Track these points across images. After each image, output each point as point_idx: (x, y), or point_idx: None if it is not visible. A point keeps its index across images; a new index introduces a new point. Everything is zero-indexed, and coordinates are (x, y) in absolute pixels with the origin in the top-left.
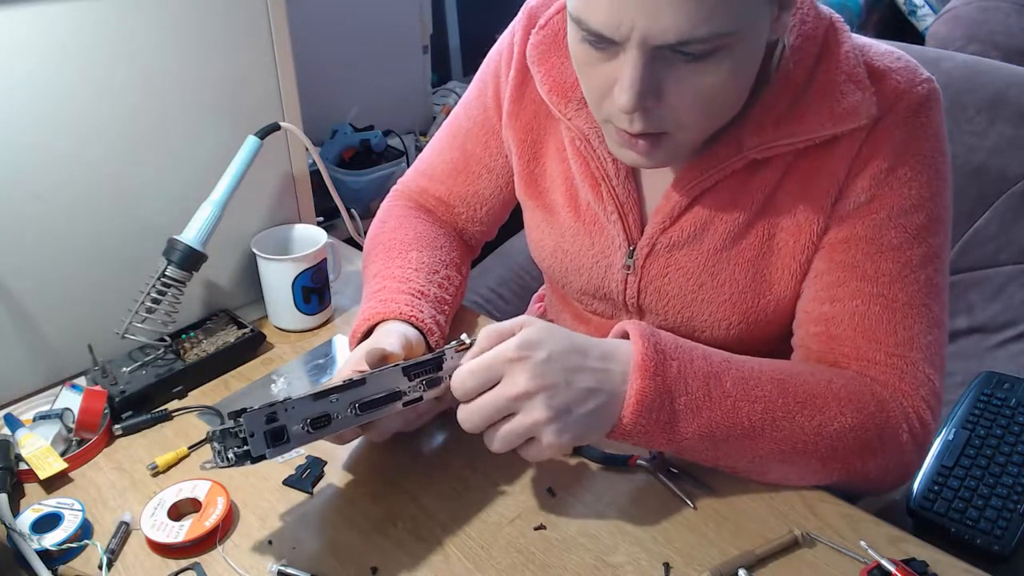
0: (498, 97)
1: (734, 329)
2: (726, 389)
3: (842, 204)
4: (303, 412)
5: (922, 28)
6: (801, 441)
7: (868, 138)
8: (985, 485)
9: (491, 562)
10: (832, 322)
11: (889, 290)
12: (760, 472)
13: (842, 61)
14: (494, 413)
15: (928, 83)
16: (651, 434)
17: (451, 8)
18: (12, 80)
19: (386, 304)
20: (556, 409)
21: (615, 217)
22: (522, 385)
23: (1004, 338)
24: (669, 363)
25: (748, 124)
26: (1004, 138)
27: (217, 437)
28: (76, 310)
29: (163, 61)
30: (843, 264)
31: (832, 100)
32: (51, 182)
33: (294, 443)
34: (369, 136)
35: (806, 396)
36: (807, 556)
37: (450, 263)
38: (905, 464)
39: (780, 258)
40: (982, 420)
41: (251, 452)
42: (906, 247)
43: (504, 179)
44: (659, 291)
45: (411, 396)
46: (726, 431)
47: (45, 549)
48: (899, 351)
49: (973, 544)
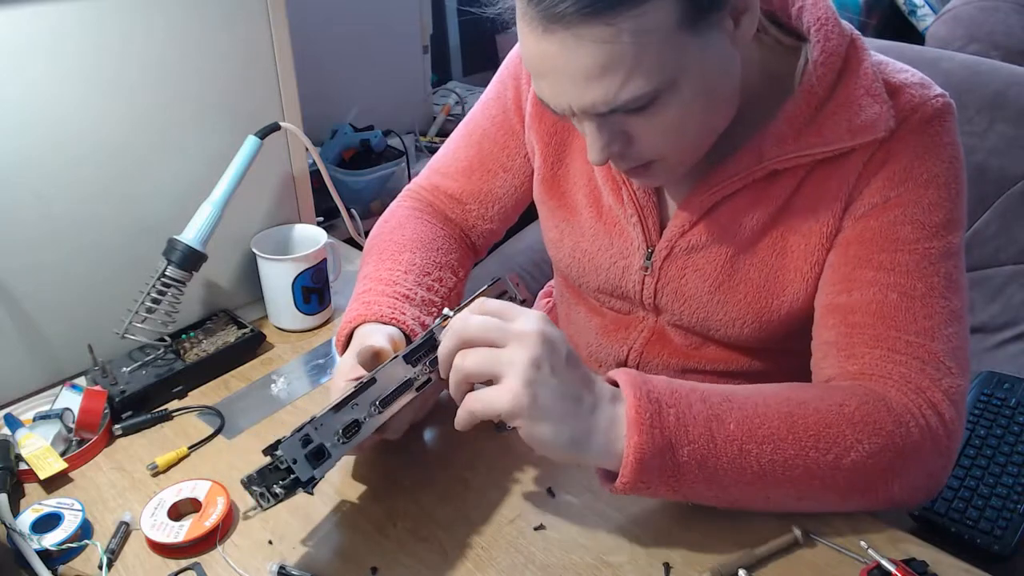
0: (519, 99)
1: (748, 328)
2: (730, 432)
3: (854, 207)
4: (333, 425)
5: (922, 28)
6: (818, 478)
7: (881, 146)
8: (985, 485)
9: (491, 562)
10: (849, 311)
11: (907, 280)
12: (777, 509)
13: (862, 76)
14: (488, 341)
15: (941, 98)
16: (653, 488)
17: (451, 8)
18: (12, 80)
19: (368, 307)
20: (528, 382)
21: (635, 220)
22: (524, 333)
23: (1004, 338)
24: (666, 412)
25: (769, 135)
26: (1004, 138)
27: (256, 480)
28: (76, 310)
29: (163, 61)
30: (858, 257)
31: (851, 113)
32: (51, 182)
33: (335, 456)
34: (369, 136)
35: (817, 427)
36: (807, 556)
37: (445, 265)
38: (931, 476)
39: (792, 260)
40: (982, 420)
41: (300, 478)
42: (923, 241)
43: (519, 179)
44: (676, 292)
45: (421, 380)
46: (735, 476)
47: (45, 549)
48: (919, 340)
49: (973, 544)
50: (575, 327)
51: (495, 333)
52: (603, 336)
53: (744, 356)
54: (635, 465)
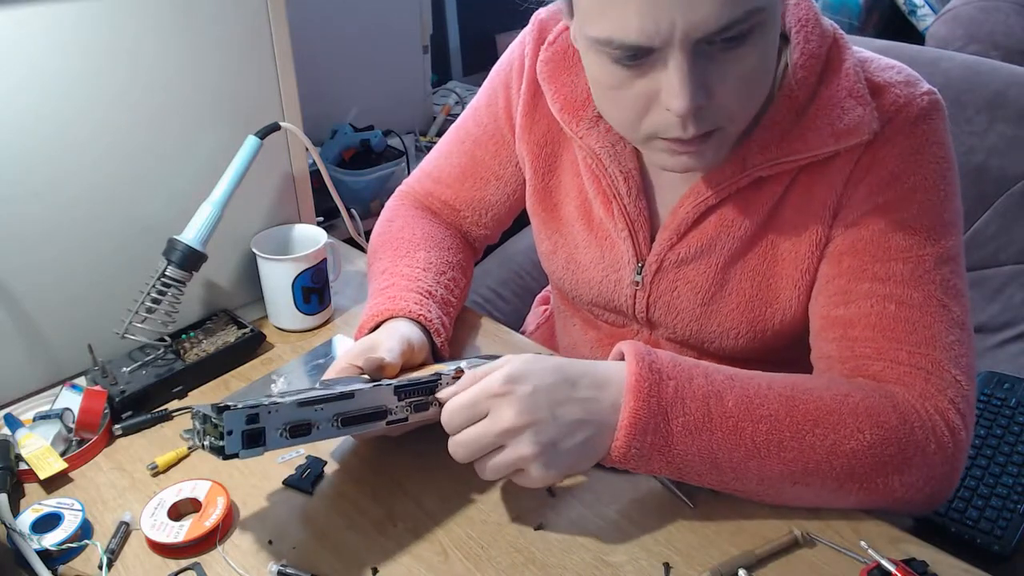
0: (509, 108)
1: (743, 339)
2: (728, 409)
3: (843, 213)
4: (285, 417)
5: (922, 28)
6: (813, 461)
7: (867, 150)
8: (985, 485)
9: (491, 562)
10: (848, 324)
11: (903, 290)
12: (772, 495)
13: (843, 78)
14: (482, 447)
15: (929, 95)
16: (647, 458)
17: (451, 8)
18: (12, 80)
19: (395, 302)
20: (542, 444)
21: (625, 234)
22: (508, 421)
23: (1004, 338)
24: (665, 383)
25: (753, 142)
26: (1004, 138)
27: (199, 418)
28: (76, 310)
29: (163, 61)
30: (852, 268)
31: (834, 117)
32: (51, 182)
33: (270, 447)
34: (369, 136)
35: (818, 413)
36: (807, 556)
37: (456, 264)
38: (936, 480)
39: (783, 267)
40: (982, 420)
41: (225, 449)
42: (916, 249)
43: (511, 188)
44: (668, 305)
45: (396, 416)
46: (728, 453)
47: (45, 549)
48: (921, 350)
49: (973, 544)
50: (571, 339)
51: (475, 408)
52: (599, 349)
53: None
54: (628, 429)
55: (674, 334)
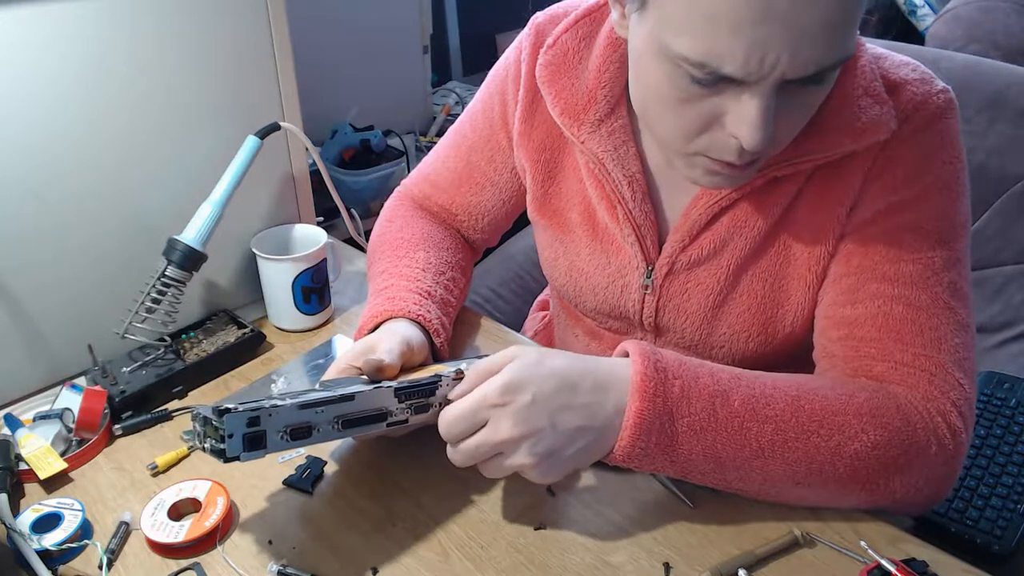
0: (505, 115)
1: (753, 342)
2: (734, 409)
3: (857, 213)
4: (285, 420)
5: (922, 28)
6: (817, 462)
7: (884, 149)
8: (985, 485)
9: (491, 562)
10: (855, 324)
11: (911, 291)
12: (775, 494)
13: (859, 75)
14: (481, 456)
15: (944, 93)
16: (651, 457)
17: (451, 8)
18: (12, 80)
19: (394, 302)
20: (540, 455)
21: (632, 239)
22: (505, 432)
23: (1004, 338)
24: (671, 383)
25: None
26: (1004, 138)
27: (199, 420)
28: (76, 310)
29: (163, 61)
30: (862, 268)
31: (851, 115)
32: (51, 182)
33: (270, 449)
34: (369, 136)
35: (823, 414)
36: (807, 556)
37: (455, 265)
38: (935, 481)
39: (796, 268)
40: (982, 420)
41: (226, 452)
42: (927, 250)
43: (508, 194)
44: (678, 309)
45: (396, 418)
46: (733, 453)
47: (45, 549)
48: (926, 352)
49: (973, 544)
50: (571, 349)
51: (474, 418)
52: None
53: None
54: (633, 430)
55: (681, 339)
